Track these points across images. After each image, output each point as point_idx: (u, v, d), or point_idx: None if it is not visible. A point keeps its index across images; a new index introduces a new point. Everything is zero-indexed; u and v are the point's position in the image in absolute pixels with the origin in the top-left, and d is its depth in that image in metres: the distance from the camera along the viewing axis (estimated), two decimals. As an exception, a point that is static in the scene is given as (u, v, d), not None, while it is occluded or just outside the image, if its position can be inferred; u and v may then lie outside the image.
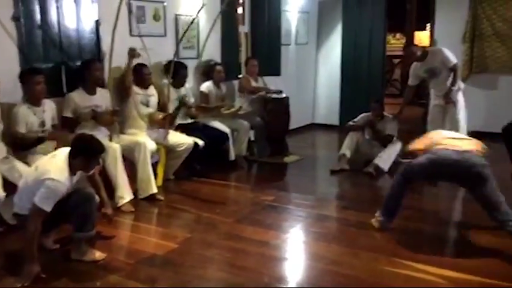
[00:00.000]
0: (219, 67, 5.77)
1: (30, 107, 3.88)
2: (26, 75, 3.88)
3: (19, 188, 3.21)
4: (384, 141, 5.49)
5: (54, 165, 3.04)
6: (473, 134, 6.51)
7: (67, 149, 3.13)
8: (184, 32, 5.18)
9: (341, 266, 3.20)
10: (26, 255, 2.98)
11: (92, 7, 4.60)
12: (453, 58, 5.23)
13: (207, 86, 5.70)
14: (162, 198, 4.54)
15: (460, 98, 5.23)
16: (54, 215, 3.13)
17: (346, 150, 5.57)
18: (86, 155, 3.10)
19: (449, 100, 5.17)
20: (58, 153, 3.18)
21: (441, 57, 5.22)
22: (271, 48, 7.01)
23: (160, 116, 4.83)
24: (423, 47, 5.67)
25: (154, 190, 4.52)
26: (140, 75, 4.81)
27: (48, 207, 2.94)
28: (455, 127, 5.21)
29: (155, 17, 5.26)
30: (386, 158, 5.38)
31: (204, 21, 5.81)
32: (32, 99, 3.89)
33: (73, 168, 3.09)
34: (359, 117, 5.78)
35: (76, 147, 3.11)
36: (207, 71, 5.82)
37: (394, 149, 5.45)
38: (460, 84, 5.27)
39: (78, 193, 3.12)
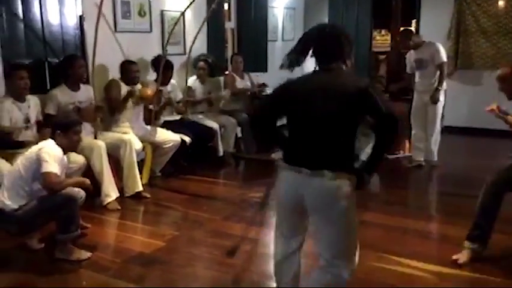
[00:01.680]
0: (201, 63, 5.73)
1: (15, 102, 3.81)
2: (10, 70, 3.83)
3: (6, 179, 3.17)
4: None
5: (40, 143, 3.17)
6: (458, 129, 6.61)
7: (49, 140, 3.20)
8: (172, 29, 5.12)
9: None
10: (73, 185, 3.19)
11: (75, 2, 4.54)
12: (443, 56, 5.23)
13: (192, 81, 5.66)
14: (148, 195, 4.49)
15: (442, 98, 5.27)
16: (38, 216, 3.09)
17: None
18: (63, 129, 3.20)
19: (436, 100, 5.19)
20: (42, 143, 3.20)
21: (433, 51, 5.23)
22: (258, 45, 6.98)
23: (149, 91, 4.73)
24: (420, 38, 5.64)
25: (140, 188, 4.47)
26: (128, 73, 4.73)
27: (56, 169, 3.04)
28: (433, 121, 5.30)
29: (141, 13, 5.20)
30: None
31: (189, 17, 5.75)
32: (16, 94, 3.82)
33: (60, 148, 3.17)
34: None
35: (54, 126, 3.25)
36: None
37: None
38: (444, 85, 5.29)
39: (60, 195, 3.06)
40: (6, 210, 3.08)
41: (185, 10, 5.16)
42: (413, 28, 7.51)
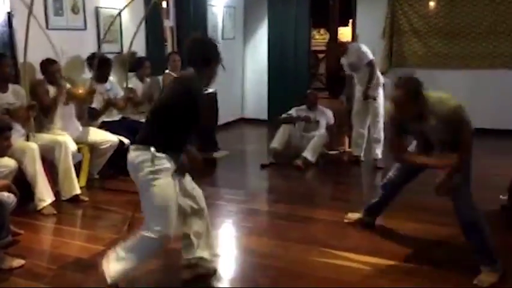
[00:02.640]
0: (147, 63, 5.62)
1: None
2: None
3: None
4: None
5: None
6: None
7: None
8: (109, 27, 4.98)
9: (272, 259, 3.22)
10: None
11: (3, -2, 4.31)
12: (369, 55, 5.39)
13: (133, 81, 5.54)
14: (86, 198, 4.35)
15: (380, 92, 5.42)
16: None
17: (276, 143, 5.63)
18: None
19: (367, 96, 5.35)
20: None
21: (358, 53, 5.39)
22: (198, 43, 6.91)
23: (81, 90, 4.56)
24: (345, 43, 5.80)
25: (78, 191, 4.32)
26: (49, 73, 4.49)
27: None
28: (375, 120, 5.43)
29: (74, 10, 5.02)
30: (313, 150, 5.49)
31: (126, 15, 5.61)
32: None
33: None
34: (292, 110, 5.86)
35: None
36: (134, 65, 5.63)
37: (320, 141, 5.58)
38: (380, 79, 5.45)
39: None
40: None
41: (123, 8, 5.03)
42: (349, 27, 7.70)
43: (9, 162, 3.81)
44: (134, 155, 2.58)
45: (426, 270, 3.04)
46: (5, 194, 3.05)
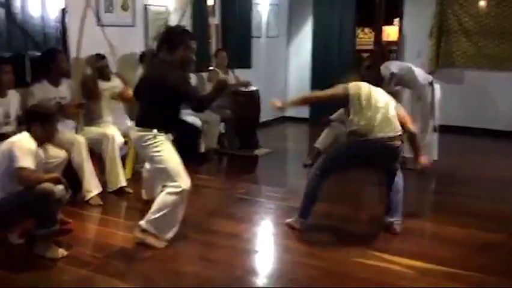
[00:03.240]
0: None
1: None
2: None
3: None
4: None
5: (14, 137, 3.12)
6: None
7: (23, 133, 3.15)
8: (162, 24, 5.07)
9: (311, 258, 3.22)
10: (41, 181, 3.03)
11: (58, -5, 4.47)
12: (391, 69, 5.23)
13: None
14: (131, 191, 4.47)
15: (428, 92, 5.28)
16: (13, 212, 3.05)
17: (320, 144, 5.54)
18: (41, 119, 3.17)
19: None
20: (15, 137, 3.14)
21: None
22: (242, 41, 6.98)
23: (129, 91, 4.71)
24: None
25: (123, 183, 4.44)
26: (96, 68, 4.62)
27: (31, 164, 2.99)
28: (425, 122, 5.26)
29: (124, 7, 5.15)
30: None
31: (173, 12, 5.71)
32: None
33: (36, 140, 3.12)
34: (337, 113, 5.74)
35: (28, 117, 3.22)
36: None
37: None
38: (421, 80, 5.33)
39: (34, 191, 2.99)
40: None
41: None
42: (395, 27, 7.55)
43: (59, 153, 3.95)
44: (139, 135, 3.28)
45: (469, 276, 2.97)
46: (59, 186, 3.15)
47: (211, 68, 6.18)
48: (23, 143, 3.04)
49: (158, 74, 3.27)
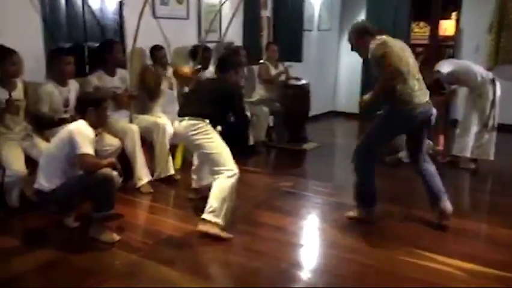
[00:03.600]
0: (243, 51, 5.67)
1: (57, 86, 3.92)
2: (56, 55, 3.92)
3: (42, 160, 3.27)
4: None
5: (72, 125, 3.23)
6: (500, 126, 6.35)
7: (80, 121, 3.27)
8: (213, 18, 5.14)
9: (357, 254, 3.19)
10: (101, 166, 3.20)
11: (116, -12, 4.61)
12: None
13: None
14: (178, 177, 4.57)
15: (489, 90, 5.07)
16: (75, 195, 3.19)
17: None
18: (92, 105, 3.28)
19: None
20: (73, 124, 3.26)
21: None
22: (293, 34, 6.94)
23: (187, 69, 4.85)
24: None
25: (172, 172, 4.55)
26: (157, 58, 4.81)
27: (91, 150, 3.14)
28: (482, 118, 5.05)
29: (179, 0, 5.24)
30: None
31: (226, 4, 5.75)
32: (59, 78, 3.93)
33: (91, 126, 3.24)
34: None
35: (82, 104, 3.35)
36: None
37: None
38: (485, 75, 5.10)
39: (95, 175, 3.14)
40: (45, 190, 3.19)
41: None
42: (452, 21, 7.28)
43: (113, 141, 4.10)
44: (190, 123, 3.50)
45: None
46: (114, 172, 3.28)
47: (261, 61, 6.19)
48: (83, 130, 3.17)
49: (222, 83, 3.76)
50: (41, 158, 3.31)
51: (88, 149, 3.11)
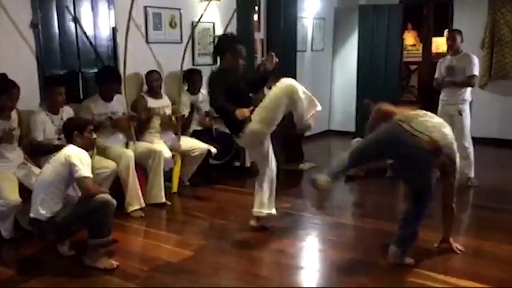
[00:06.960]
0: None
1: (49, 115, 3.93)
2: (48, 86, 3.97)
3: (37, 187, 3.24)
4: None
5: (66, 149, 3.24)
6: (489, 140, 6.39)
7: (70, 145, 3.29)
8: (211, 41, 5.17)
9: (358, 275, 3.14)
10: (100, 191, 3.24)
11: (109, 14, 4.64)
12: (476, 70, 5.10)
13: None
14: (169, 203, 4.53)
15: (467, 109, 5.11)
16: (74, 222, 3.15)
17: None
18: (76, 130, 3.31)
19: (461, 113, 5.06)
20: (66, 148, 3.27)
21: (467, 62, 5.10)
22: (287, 55, 6.97)
23: (173, 118, 4.84)
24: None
25: (163, 200, 4.51)
26: (149, 82, 4.81)
27: (90, 173, 3.15)
28: (461, 136, 4.96)
29: (172, 24, 5.28)
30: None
31: (219, 28, 5.80)
32: (52, 107, 3.95)
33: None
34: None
35: (66, 129, 3.41)
36: None
37: None
38: (469, 95, 5.14)
39: (96, 199, 3.12)
40: (42, 219, 3.14)
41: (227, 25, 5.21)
42: (444, 38, 7.37)
43: (109, 164, 4.08)
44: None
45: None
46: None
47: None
48: (80, 153, 3.17)
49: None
50: (36, 185, 3.28)
51: (86, 172, 3.12)
